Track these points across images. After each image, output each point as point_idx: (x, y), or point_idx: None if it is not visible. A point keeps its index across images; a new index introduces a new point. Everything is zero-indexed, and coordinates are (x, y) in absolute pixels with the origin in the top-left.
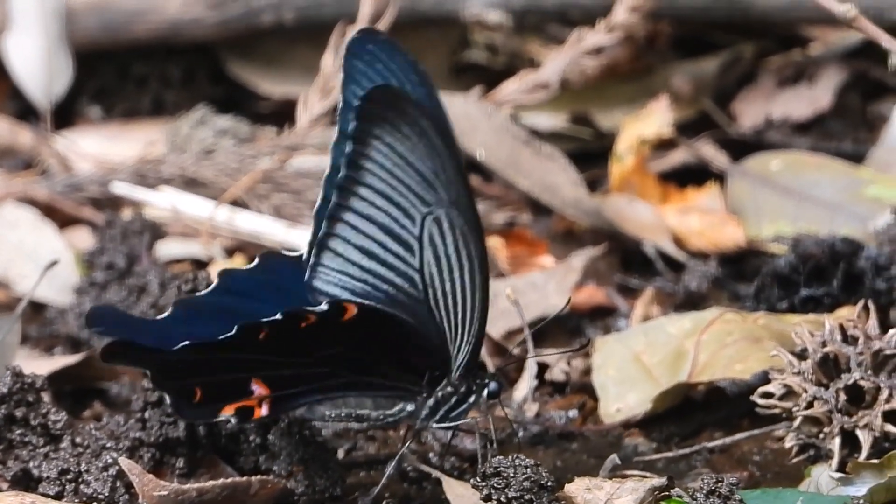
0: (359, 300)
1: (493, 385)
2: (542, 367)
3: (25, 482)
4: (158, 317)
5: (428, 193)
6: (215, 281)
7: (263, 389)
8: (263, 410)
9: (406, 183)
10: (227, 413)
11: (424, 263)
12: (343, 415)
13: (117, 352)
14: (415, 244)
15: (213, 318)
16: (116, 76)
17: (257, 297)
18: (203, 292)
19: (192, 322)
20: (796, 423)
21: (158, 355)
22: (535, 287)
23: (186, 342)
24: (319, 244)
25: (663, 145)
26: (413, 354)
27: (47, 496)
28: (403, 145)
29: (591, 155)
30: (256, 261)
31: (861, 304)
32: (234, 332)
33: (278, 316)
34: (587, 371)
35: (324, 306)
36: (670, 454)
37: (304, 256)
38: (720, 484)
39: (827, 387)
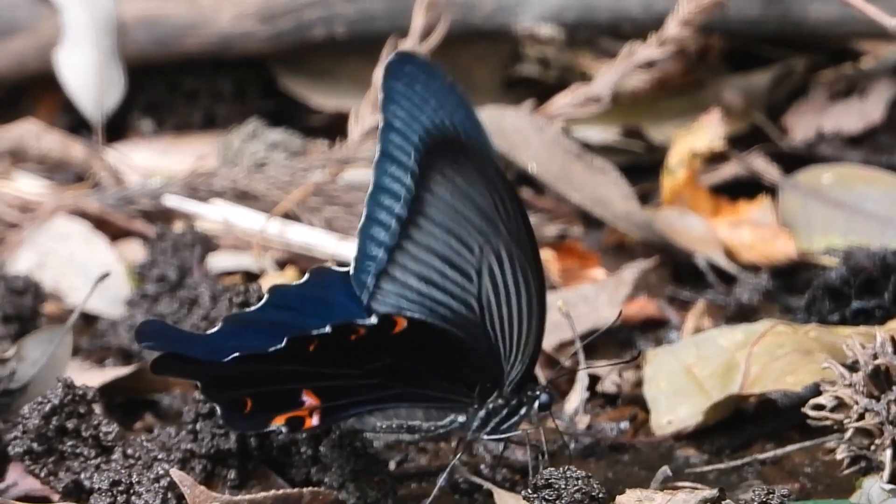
0: (409, 314)
1: (544, 397)
2: (594, 379)
3: (77, 494)
4: (208, 331)
5: (488, 226)
6: (265, 297)
7: (314, 400)
8: (314, 421)
9: (466, 216)
10: (278, 423)
11: (482, 290)
12: (394, 426)
13: (167, 364)
14: (473, 273)
15: (262, 333)
16: (167, 90)
17: (307, 311)
18: (253, 308)
19: (241, 336)
20: (847, 434)
21: (208, 367)
22: (587, 300)
23: (236, 354)
24: (379, 272)
25: (715, 158)
26: (464, 368)
27: None
28: (464, 179)
29: (642, 168)
30: (306, 276)
31: None
32: (283, 344)
33: (327, 329)
34: (638, 383)
35: (373, 319)
36: (721, 466)
37: (351, 272)
38: (771, 496)
39: (878, 399)
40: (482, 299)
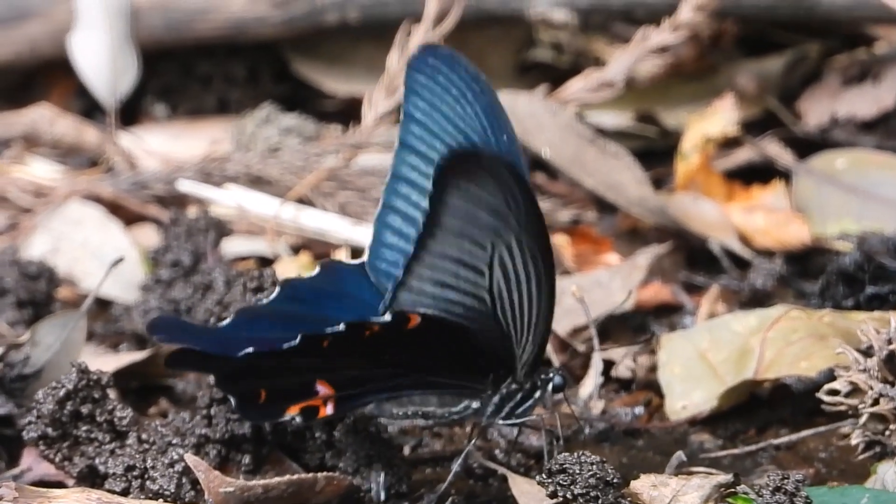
0: (422, 310)
1: (557, 379)
2: (608, 365)
3: (91, 479)
4: (220, 324)
5: (499, 222)
6: (277, 290)
7: (328, 389)
8: (328, 409)
9: (479, 218)
10: (293, 413)
11: (494, 282)
12: (409, 413)
13: (182, 359)
14: (485, 268)
15: (276, 324)
16: (181, 74)
17: (319, 304)
18: (264, 301)
19: (254, 327)
20: (862, 420)
21: (223, 361)
22: (601, 285)
23: (250, 349)
24: (396, 285)
25: (728, 144)
26: (477, 357)
27: (113, 492)
28: (479, 186)
29: (656, 153)
30: (317, 269)
31: None
32: (297, 341)
33: (341, 327)
34: (653, 368)
35: (387, 317)
36: (736, 451)
37: (366, 259)
38: (786, 481)
39: (893, 384)
40: (493, 291)
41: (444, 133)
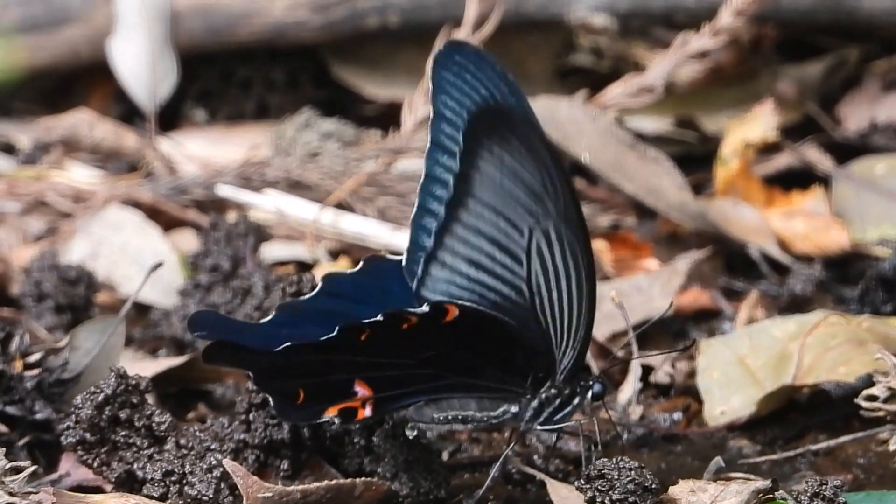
0: (461, 302)
1: (597, 387)
2: (647, 370)
3: (130, 484)
4: (261, 321)
5: (536, 205)
6: (319, 285)
7: (367, 391)
8: (367, 411)
9: (514, 195)
10: (331, 414)
11: (532, 273)
12: (448, 417)
13: (219, 353)
14: (522, 255)
15: (315, 322)
16: (221, 79)
17: (361, 300)
18: (306, 296)
19: (294, 325)
20: None
21: (260, 356)
22: (640, 290)
23: (288, 343)
24: (427, 257)
25: (768, 149)
26: (517, 357)
27: (151, 497)
28: (512, 157)
29: (695, 158)
30: (360, 265)
31: None
32: (335, 332)
33: (379, 317)
34: (691, 374)
35: (425, 307)
36: (774, 457)
37: (403, 262)
38: (824, 486)
39: None
40: (532, 283)
41: None
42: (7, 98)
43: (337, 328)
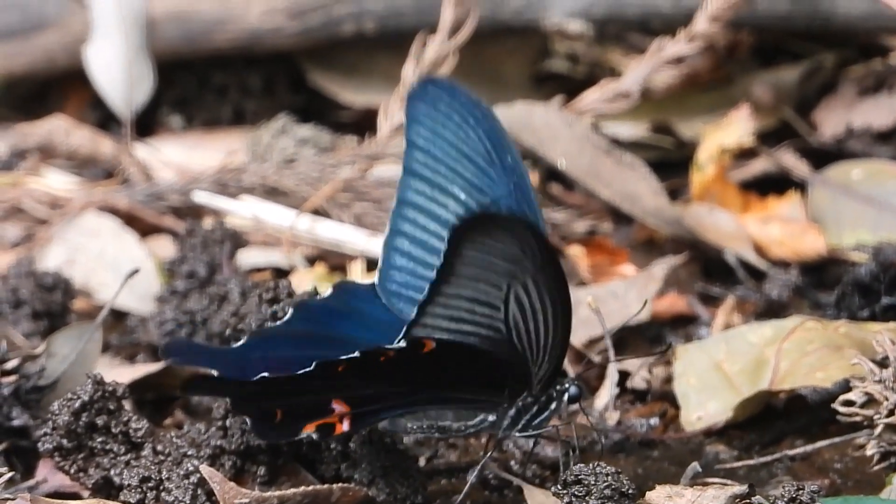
0: (437, 336)
1: (573, 389)
2: (624, 376)
3: (107, 490)
4: (234, 345)
5: (515, 266)
6: (290, 312)
7: (343, 407)
8: (345, 426)
9: (494, 264)
10: (309, 431)
11: (509, 316)
12: (424, 427)
13: (197, 385)
14: (500, 304)
15: (290, 343)
16: (197, 85)
17: (333, 323)
18: (278, 324)
19: (269, 347)
20: (878, 430)
21: (238, 385)
22: (616, 296)
23: (265, 374)
24: (410, 324)
25: (744, 154)
26: (493, 374)
27: None
28: (493, 238)
29: (671, 164)
30: (330, 290)
31: None
32: (311, 368)
33: (356, 354)
34: (668, 379)
35: (402, 344)
36: (751, 462)
37: (376, 282)
38: (801, 492)
39: None
40: (509, 322)
41: (448, 157)
42: None
43: (313, 364)
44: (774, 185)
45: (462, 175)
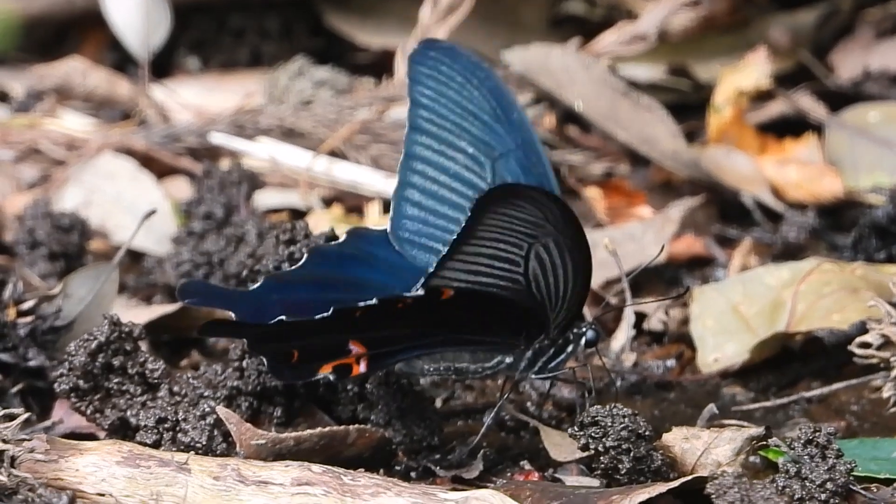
0: (456, 284)
1: (590, 333)
2: (640, 317)
3: (123, 431)
4: (250, 288)
5: (536, 230)
6: (304, 258)
7: (361, 348)
8: (361, 367)
9: (515, 228)
10: (325, 372)
11: (529, 270)
12: (441, 369)
13: (214, 328)
14: (520, 260)
15: (306, 287)
16: (214, 28)
17: (348, 266)
18: (292, 268)
19: (284, 289)
20: (894, 372)
21: (254, 326)
22: (633, 238)
23: (282, 317)
24: (428, 277)
25: (761, 97)
26: (511, 319)
27: (144, 444)
28: (515, 207)
29: (689, 106)
30: (343, 237)
31: None
32: (329, 313)
33: (374, 301)
34: (685, 321)
35: (420, 292)
36: (768, 404)
37: (388, 231)
38: (818, 433)
39: None
40: (529, 276)
41: (454, 114)
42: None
43: (331, 310)
44: (791, 127)
45: (469, 131)
